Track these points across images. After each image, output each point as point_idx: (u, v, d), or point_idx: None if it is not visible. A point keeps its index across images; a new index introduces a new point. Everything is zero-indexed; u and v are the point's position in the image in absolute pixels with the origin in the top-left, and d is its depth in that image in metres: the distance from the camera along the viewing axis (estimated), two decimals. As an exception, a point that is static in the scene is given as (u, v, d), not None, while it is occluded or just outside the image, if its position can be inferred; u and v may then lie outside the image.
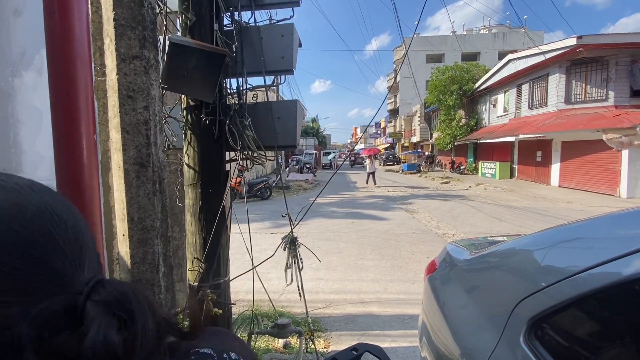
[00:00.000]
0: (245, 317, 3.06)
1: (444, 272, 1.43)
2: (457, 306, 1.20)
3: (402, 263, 4.95)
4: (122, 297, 0.34)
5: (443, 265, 1.46)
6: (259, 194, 12.35)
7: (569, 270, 0.81)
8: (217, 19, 2.12)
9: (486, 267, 1.17)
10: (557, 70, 14.46)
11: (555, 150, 14.60)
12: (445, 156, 27.03)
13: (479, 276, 1.19)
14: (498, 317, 0.91)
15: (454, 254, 1.43)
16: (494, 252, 1.15)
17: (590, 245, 0.89)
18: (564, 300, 0.78)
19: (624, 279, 0.71)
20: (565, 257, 0.88)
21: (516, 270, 1.00)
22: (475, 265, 1.21)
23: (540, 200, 11.16)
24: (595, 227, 0.97)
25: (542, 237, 1.02)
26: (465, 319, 1.13)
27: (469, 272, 1.23)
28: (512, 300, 0.87)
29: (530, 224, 7.44)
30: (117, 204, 1.76)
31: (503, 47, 32.51)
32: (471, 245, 1.44)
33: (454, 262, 1.36)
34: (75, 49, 1.08)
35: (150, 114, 1.71)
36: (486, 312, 1.00)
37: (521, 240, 1.13)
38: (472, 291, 1.14)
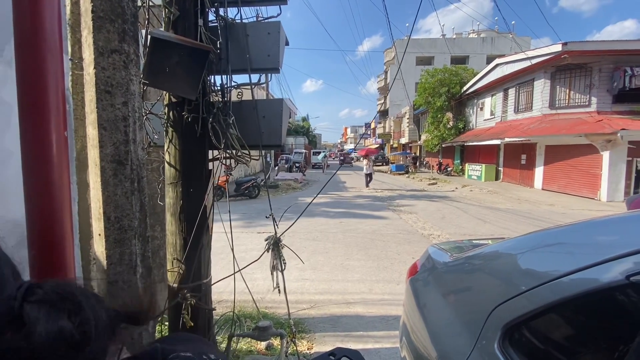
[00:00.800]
0: (227, 319, 3.01)
1: (424, 274, 1.43)
2: (436, 309, 1.20)
3: (387, 264, 4.97)
4: (65, 293, 0.35)
5: (424, 268, 1.46)
6: (246, 192, 12.24)
7: (546, 276, 0.81)
8: (202, 14, 2.07)
9: (464, 270, 1.17)
10: (543, 75, 14.81)
11: (539, 154, 14.95)
12: (433, 158, 27.37)
13: (457, 280, 1.19)
14: (474, 322, 0.91)
15: (434, 257, 1.43)
16: (472, 255, 1.16)
17: (570, 251, 0.90)
18: (541, 306, 0.78)
19: (601, 285, 0.71)
20: (542, 262, 0.89)
21: (493, 274, 1.00)
22: (454, 269, 1.21)
23: (524, 202, 11.41)
24: (575, 233, 0.98)
25: (521, 241, 1.02)
26: (443, 322, 1.13)
27: (448, 276, 1.23)
28: (488, 306, 0.87)
29: (513, 226, 7.59)
30: (93, 203, 1.71)
31: (491, 51, 33.10)
32: (453, 248, 1.44)
33: (434, 265, 1.36)
34: (46, 41, 1.03)
35: (129, 110, 1.66)
36: (463, 316, 1.00)
37: (501, 244, 1.14)
38: (449, 295, 1.14)
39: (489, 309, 0.86)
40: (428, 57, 35.19)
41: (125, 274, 1.71)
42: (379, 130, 46.67)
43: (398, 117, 37.65)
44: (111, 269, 1.68)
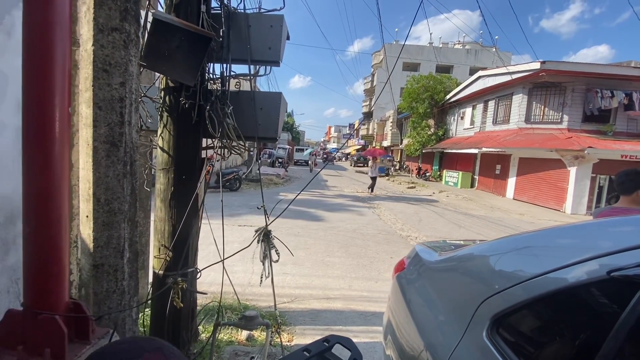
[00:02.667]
0: (208, 309, 3.00)
1: (412, 271, 1.50)
2: (424, 303, 1.27)
3: (367, 262, 5.08)
4: None
5: (412, 265, 1.53)
6: (227, 185, 12.06)
7: (526, 275, 0.89)
8: (205, 0, 2.05)
9: (454, 267, 1.24)
10: (521, 90, 15.48)
11: (512, 165, 15.65)
12: (413, 162, 27.99)
13: (447, 276, 1.26)
14: (463, 314, 0.98)
15: (423, 255, 1.50)
16: (461, 254, 1.23)
17: (537, 253, 0.99)
18: (522, 301, 0.86)
19: (568, 285, 0.80)
20: (525, 263, 0.98)
21: (481, 271, 1.08)
22: (444, 266, 1.29)
23: (496, 210, 11.93)
24: (541, 238, 1.08)
25: (504, 243, 1.11)
26: (431, 315, 1.20)
27: (438, 272, 1.31)
28: (477, 299, 0.94)
29: (486, 232, 7.93)
30: (82, 183, 1.66)
31: (474, 63, 34.21)
32: (439, 247, 1.52)
33: (423, 262, 1.43)
34: (56, 16, 1.00)
35: (126, 91, 1.63)
36: (452, 309, 1.07)
37: (488, 244, 1.22)
38: (439, 289, 1.21)
39: (479, 300, 0.93)
40: (415, 64, 35.89)
41: (111, 258, 1.68)
42: (362, 132, 47.16)
43: (382, 120, 38.20)
44: (97, 252, 1.65)
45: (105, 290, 1.66)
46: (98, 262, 1.64)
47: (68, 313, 1.12)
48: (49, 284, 1.07)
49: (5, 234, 1.19)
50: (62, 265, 1.10)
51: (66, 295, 1.13)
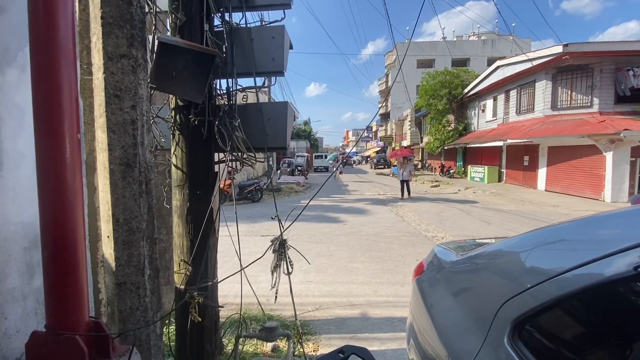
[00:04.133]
0: (233, 321, 3.02)
1: (431, 274, 1.44)
2: (444, 308, 1.21)
3: (391, 266, 4.97)
4: None
5: (430, 267, 1.47)
6: (249, 196, 12.26)
7: (552, 271, 0.82)
8: (208, 19, 2.11)
9: (472, 268, 1.18)
10: (544, 77, 14.81)
11: (541, 155, 14.92)
12: (435, 160, 27.34)
13: (465, 278, 1.20)
14: (483, 318, 0.92)
15: (441, 256, 1.44)
16: (479, 254, 1.17)
17: (573, 247, 0.91)
18: (547, 301, 0.79)
19: (605, 279, 0.72)
20: (548, 258, 0.90)
21: (501, 271, 1.01)
22: (462, 267, 1.22)
23: (527, 203, 11.37)
24: (577, 229, 0.99)
25: (527, 238, 1.03)
26: (451, 320, 1.14)
27: (456, 274, 1.24)
28: (497, 302, 0.88)
29: (517, 227, 7.56)
30: (102, 205, 1.73)
31: (492, 53, 33.17)
32: (459, 247, 1.45)
33: (441, 264, 1.37)
34: (60, 47, 1.06)
35: (137, 114, 1.69)
36: (472, 313, 1.01)
37: (506, 242, 1.15)
38: (458, 293, 1.15)
39: (498, 304, 0.87)
40: (429, 60, 35.30)
41: (133, 276, 1.72)
42: (380, 133, 46.72)
43: (400, 120, 37.70)
44: (119, 270, 1.69)
45: (129, 307, 1.70)
46: (120, 280, 1.68)
47: (88, 332, 1.16)
48: (68, 305, 1.11)
49: (30, 258, 1.25)
50: (81, 286, 1.14)
51: (86, 315, 1.17)
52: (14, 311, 1.23)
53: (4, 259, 1.19)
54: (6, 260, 1.20)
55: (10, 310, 1.21)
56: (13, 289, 1.22)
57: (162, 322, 1.96)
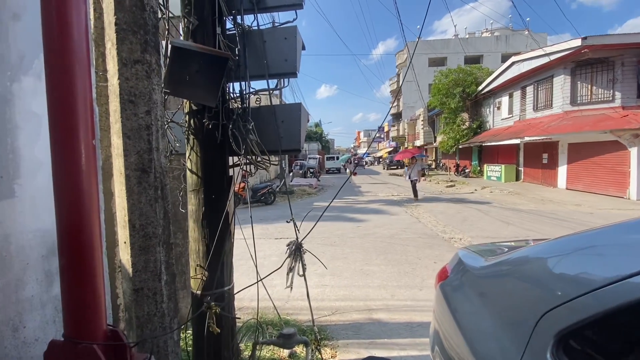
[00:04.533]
0: (249, 326, 3.00)
1: (456, 279, 1.36)
2: (473, 315, 1.14)
3: (408, 268, 4.86)
4: None
5: (455, 273, 1.40)
6: (262, 199, 12.31)
7: (599, 282, 0.75)
8: (220, 22, 2.10)
9: (504, 274, 1.10)
10: (562, 71, 14.36)
11: (561, 152, 14.44)
12: (449, 159, 26.87)
13: (496, 284, 1.12)
14: (520, 329, 0.85)
15: (466, 261, 1.36)
16: (511, 259, 1.09)
17: (619, 253, 0.83)
18: (596, 314, 0.71)
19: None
20: (592, 266, 0.82)
21: (539, 279, 0.94)
22: (492, 273, 1.15)
23: (548, 203, 11.01)
24: (620, 234, 0.91)
25: (564, 243, 0.96)
26: (481, 328, 1.07)
27: (485, 280, 1.17)
28: (536, 312, 0.81)
29: (538, 227, 7.31)
30: (118, 211, 1.73)
31: (506, 49, 32.47)
32: (484, 251, 1.37)
33: (468, 269, 1.30)
34: (74, 53, 1.05)
35: (152, 119, 1.68)
36: (505, 322, 0.94)
37: (541, 246, 1.07)
38: (488, 300, 1.08)
39: (538, 315, 0.80)
40: (441, 58, 34.82)
41: (150, 281, 1.71)
42: (392, 133, 46.32)
43: (412, 119, 37.28)
44: (136, 276, 1.68)
45: (147, 313, 1.69)
46: (138, 286, 1.67)
47: (106, 341, 1.14)
48: (86, 313, 1.10)
49: (48, 265, 1.25)
50: (98, 294, 1.12)
51: (104, 324, 1.15)
52: (33, 319, 1.22)
53: (22, 267, 1.18)
54: (24, 268, 1.20)
55: (29, 318, 1.21)
56: (32, 297, 1.22)
57: (178, 329, 1.94)
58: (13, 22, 1.17)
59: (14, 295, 1.15)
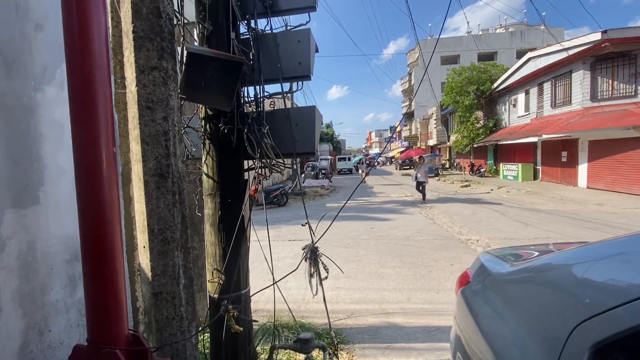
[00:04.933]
0: (266, 329, 3.00)
1: (479, 285, 1.32)
2: (498, 323, 1.10)
3: (424, 271, 4.78)
4: None
5: (477, 278, 1.35)
6: (275, 200, 12.38)
7: (636, 292, 0.70)
8: (234, 27, 2.11)
9: (533, 281, 1.06)
10: (581, 66, 13.91)
11: (582, 150, 13.98)
12: (464, 159, 26.40)
13: (524, 291, 1.08)
14: (551, 339, 0.81)
15: (489, 266, 1.32)
16: (540, 264, 1.05)
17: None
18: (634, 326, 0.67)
19: None
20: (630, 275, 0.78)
21: (571, 287, 0.89)
22: (519, 279, 1.10)
23: (568, 202, 10.66)
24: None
25: (599, 249, 0.91)
26: (507, 337, 1.03)
27: (511, 286, 1.12)
28: (569, 322, 0.77)
29: (559, 228, 7.08)
30: (137, 216, 1.75)
31: (521, 45, 31.71)
32: (508, 256, 1.33)
33: (491, 275, 1.25)
34: (95, 62, 1.07)
35: (169, 125, 1.70)
36: (535, 331, 0.90)
37: (573, 252, 1.02)
38: (515, 307, 1.03)
39: (571, 325, 0.76)
40: (453, 56, 34.30)
41: (168, 285, 1.73)
42: (404, 133, 45.85)
43: (424, 119, 36.83)
44: (155, 280, 1.70)
45: (165, 317, 1.71)
46: (157, 290, 1.69)
47: (128, 345, 1.15)
48: (109, 319, 1.11)
49: (72, 270, 1.27)
50: (120, 299, 1.14)
51: (125, 329, 1.16)
52: (58, 323, 1.25)
53: (46, 272, 1.21)
54: (49, 273, 1.22)
55: (54, 322, 1.23)
56: (56, 302, 1.24)
57: (196, 332, 1.96)
58: (36, 32, 1.20)
59: (40, 299, 1.17)
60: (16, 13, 1.12)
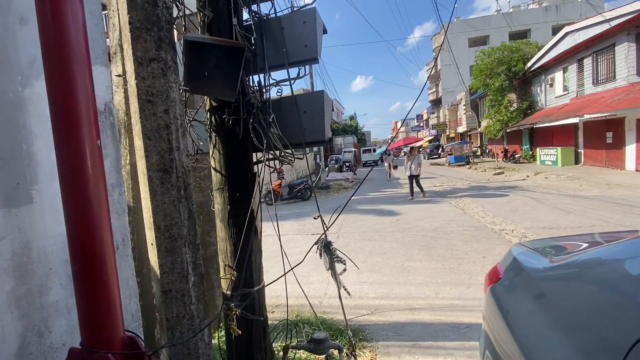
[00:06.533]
0: (285, 324, 2.94)
1: (511, 282, 1.14)
2: (534, 328, 0.92)
3: (454, 264, 4.52)
4: None
5: (509, 274, 1.17)
6: (299, 195, 12.37)
7: None
8: (236, 13, 2.01)
9: (578, 278, 0.87)
10: (626, 39, 12.63)
11: (629, 130, 12.75)
12: (497, 145, 25.08)
13: (566, 291, 0.89)
14: (604, 353, 0.64)
15: (523, 260, 1.13)
16: (588, 259, 0.86)
17: None
18: None
19: None
20: None
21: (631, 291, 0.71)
22: (560, 276, 0.92)
23: (615, 187, 9.77)
24: None
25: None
26: (546, 347, 0.86)
27: (550, 284, 0.94)
28: (629, 334, 0.60)
29: (606, 215, 6.48)
30: (144, 212, 1.71)
31: (557, 20, 29.43)
32: (549, 249, 1.13)
33: (526, 271, 1.07)
34: (72, 52, 1.00)
35: (170, 118, 1.64)
36: (582, 344, 0.73)
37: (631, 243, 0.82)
38: (556, 312, 0.86)
39: (632, 339, 0.59)
40: (482, 37, 32.51)
41: (177, 283, 1.68)
42: (432, 121, 44.33)
43: (453, 105, 35.34)
44: (164, 278, 1.66)
45: (176, 315, 1.67)
46: (166, 287, 1.65)
47: (123, 348, 1.10)
48: (100, 321, 1.06)
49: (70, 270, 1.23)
50: (112, 300, 1.08)
51: (121, 330, 1.11)
52: (59, 324, 1.22)
53: (45, 272, 1.18)
54: (47, 273, 1.19)
55: (55, 323, 1.20)
56: (56, 302, 1.21)
57: (209, 329, 1.91)
58: (20, 26, 1.15)
59: (38, 301, 1.14)
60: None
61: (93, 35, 1.73)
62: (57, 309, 1.22)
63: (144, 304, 2.49)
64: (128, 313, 1.69)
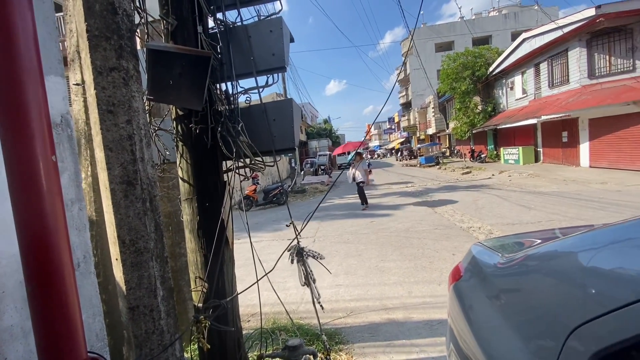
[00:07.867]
0: (263, 332, 2.91)
1: (470, 280, 1.21)
2: (490, 325, 0.99)
3: (426, 263, 4.68)
4: None
5: (469, 272, 1.24)
6: (275, 199, 12.28)
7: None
8: (201, 21, 1.99)
9: (523, 276, 0.95)
10: (577, 44, 13.67)
11: (582, 129, 13.77)
12: (464, 145, 26.18)
13: (515, 288, 0.96)
14: (544, 345, 0.70)
15: (480, 258, 1.21)
16: (533, 254, 0.93)
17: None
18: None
19: None
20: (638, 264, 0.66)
21: (568, 281, 0.78)
22: (509, 273, 0.99)
23: (571, 183, 10.50)
24: None
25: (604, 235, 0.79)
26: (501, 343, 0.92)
27: (501, 282, 1.01)
28: (565, 325, 0.66)
29: (563, 210, 6.95)
30: (107, 227, 1.65)
31: (515, 27, 31.32)
32: (502, 247, 1.21)
33: (481, 268, 1.14)
34: (21, 62, 0.95)
35: (134, 128, 1.59)
36: (528, 336, 0.79)
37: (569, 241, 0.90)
38: (505, 307, 0.92)
39: (567, 329, 0.65)
40: (448, 43, 33.94)
41: (145, 298, 1.63)
42: (403, 123, 45.57)
43: (422, 108, 36.54)
44: (131, 293, 1.61)
45: (144, 331, 1.62)
46: (133, 304, 1.60)
47: (86, 372, 1.06)
48: (60, 344, 1.01)
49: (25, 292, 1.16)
50: (72, 322, 1.03)
51: (83, 352, 1.06)
52: (15, 350, 1.15)
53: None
54: (1, 297, 1.12)
55: (10, 349, 1.13)
56: (11, 327, 1.14)
57: (180, 343, 1.86)
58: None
59: (-11, 326, 1.07)
60: None
61: (46, 44, 1.66)
62: (12, 334, 1.15)
63: (110, 322, 2.38)
64: (92, 333, 1.62)
